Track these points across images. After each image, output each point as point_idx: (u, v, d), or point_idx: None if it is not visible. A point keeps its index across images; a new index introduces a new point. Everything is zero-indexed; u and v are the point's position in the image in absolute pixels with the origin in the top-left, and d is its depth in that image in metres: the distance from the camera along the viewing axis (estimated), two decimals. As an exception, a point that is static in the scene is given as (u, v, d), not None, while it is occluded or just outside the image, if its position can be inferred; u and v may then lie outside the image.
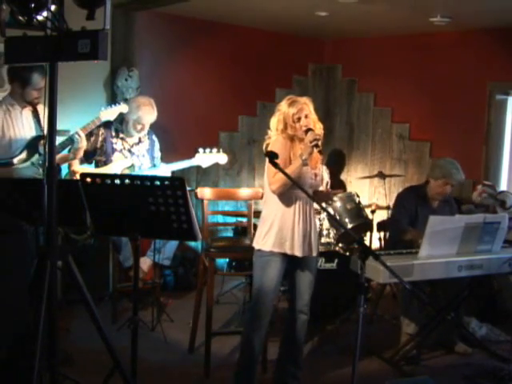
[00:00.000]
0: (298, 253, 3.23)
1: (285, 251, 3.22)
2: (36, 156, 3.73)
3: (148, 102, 4.63)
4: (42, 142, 3.72)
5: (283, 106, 3.25)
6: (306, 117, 3.21)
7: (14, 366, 2.59)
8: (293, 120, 3.20)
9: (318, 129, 3.29)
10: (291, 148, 3.23)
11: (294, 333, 3.40)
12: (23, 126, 3.76)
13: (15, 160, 3.68)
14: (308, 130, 3.17)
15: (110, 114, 4.16)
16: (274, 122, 3.29)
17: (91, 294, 2.52)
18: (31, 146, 3.73)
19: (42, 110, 3.80)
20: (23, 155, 3.70)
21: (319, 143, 3.12)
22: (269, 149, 3.16)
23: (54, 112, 2.36)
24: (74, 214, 2.84)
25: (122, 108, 4.25)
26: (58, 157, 3.76)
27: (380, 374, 3.79)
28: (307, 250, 3.27)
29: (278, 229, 3.22)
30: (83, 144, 3.96)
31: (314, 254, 3.32)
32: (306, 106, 3.24)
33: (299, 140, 3.23)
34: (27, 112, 3.80)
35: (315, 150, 3.13)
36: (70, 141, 3.90)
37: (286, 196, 3.23)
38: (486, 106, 5.87)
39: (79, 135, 3.91)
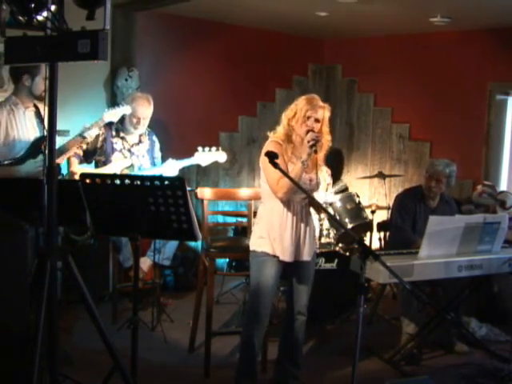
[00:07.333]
0: (288, 259, 3.23)
1: (277, 255, 3.22)
2: (40, 156, 3.73)
3: (144, 96, 4.69)
4: (45, 142, 3.73)
5: (301, 101, 3.22)
6: (317, 121, 3.18)
7: (14, 366, 2.58)
8: (303, 114, 3.16)
9: (326, 140, 3.25)
10: (284, 152, 3.19)
11: (292, 333, 3.40)
12: (26, 126, 3.76)
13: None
14: (309, 130, 3.15)
15: (113, 115, 4.17)
16: (288, 111, 3.26)
17: (91, 294, 2.52)
18: (35, 146, 3.72)
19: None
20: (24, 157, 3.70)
21: (317, 144, 3.11)
22: (263, 151, 3.14)
23: (53, 112, 2.36)
24: (74, 214, 2.84)
25: (125, 110, 4.26)
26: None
27: (380, 374, 3.79)
28: (299, 255, 3.26)
29: (270, 232, 3.22)
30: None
31: (306, 258, 3.29)
32: (322, 111, 3.20)
33: (296, 141, 3.21)
34: (30, 112, 3.80)
35: (313, 150, 3.09)
36: (83, 138, 3.95)
37: (279, 201, 3.21)
38: (486, 106, 5.87)
39: (90, 136, 4.00)
